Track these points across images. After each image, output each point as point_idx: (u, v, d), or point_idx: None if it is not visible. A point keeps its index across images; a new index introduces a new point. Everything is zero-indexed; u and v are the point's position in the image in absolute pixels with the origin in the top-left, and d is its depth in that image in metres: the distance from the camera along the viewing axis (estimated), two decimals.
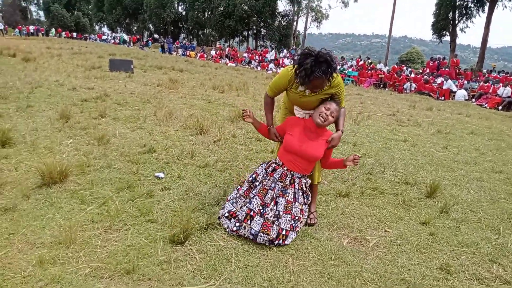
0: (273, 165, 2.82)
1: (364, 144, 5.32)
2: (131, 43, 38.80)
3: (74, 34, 43.82)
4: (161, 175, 3.43)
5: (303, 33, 41.95)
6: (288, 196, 2.66)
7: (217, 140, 4.72)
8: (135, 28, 57.24)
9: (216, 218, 2.73)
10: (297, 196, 2.69)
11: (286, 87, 2.72)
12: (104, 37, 42.76)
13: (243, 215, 2.59)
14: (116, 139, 4.38)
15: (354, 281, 2.21)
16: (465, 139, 6.50)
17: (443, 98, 15.32)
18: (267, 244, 2.46)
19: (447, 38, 30.02)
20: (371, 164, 4.37)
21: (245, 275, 2.18)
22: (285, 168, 2.73)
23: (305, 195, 2.76)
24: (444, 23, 29.04)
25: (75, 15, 57.39)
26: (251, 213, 2.57)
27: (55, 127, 4.64)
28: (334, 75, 2.47)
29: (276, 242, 2.47)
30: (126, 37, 41.81)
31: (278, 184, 2.70)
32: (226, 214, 2.71)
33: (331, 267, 2.32)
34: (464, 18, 28.45)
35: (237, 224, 2.59)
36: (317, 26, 42.38)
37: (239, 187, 2.93)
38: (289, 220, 2.57)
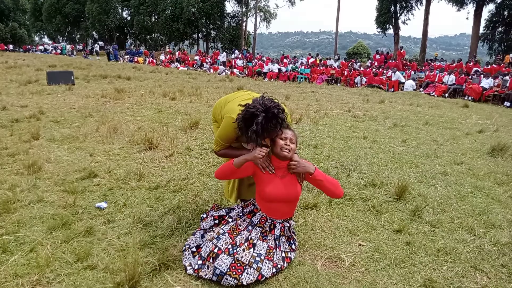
0: (252, 206, 2.46)
1: (325, 145, 5.12)
2: (74, 52, 36.66)
3: (11, 46, 40.66)
4: (103, 205, 2.97)
5: (253, 33, 41.88)
6: (269, 241, 2.31)
7: (169, 155, 4.29)
8: (78, 36, 54.34)
9: (170, 254, 2.34)
10: (278, 243, 2.34)
11: (237, 137, 2.40)
12: (40, 47, 39.86)
13: (207, 251, 2.21)
14: (50, 164, 3.83)
15: None
16: (421, 131, 6.52)
17: (392, 89, 15.74)
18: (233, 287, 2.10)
19: (390, 31, 31.18)
20: (335, 168, 4.15)
21: None
22: (264, 213, 2.39)
23: (291, 241, 2.43)
24: (386, 16, 30.12)
25: (10, 26, 53.39)
26: (216, 250, 2.18)
27: None
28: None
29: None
30: (69, 46, 39.42)
31: (256, 229, 2.34)
32: (194, 249, 2.33)
33: None
34: (405, 11, 29.68)
35: (199, 262, 2.21)
36: (266, 25, 42.45)
37: (215, 214, 2.56)
38: (270, 267, 2.19)
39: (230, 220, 2.43)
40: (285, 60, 22.76)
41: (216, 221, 2.55)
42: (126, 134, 5.03)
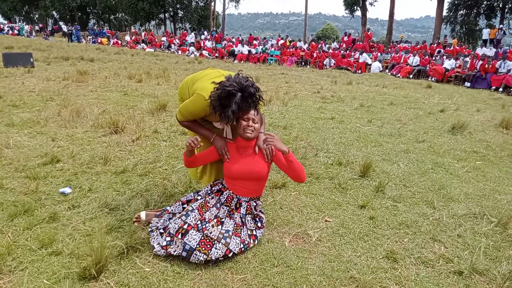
0: (220, 185, 2.50)
1: (294, 126, 5.17)
2: (33, 33, 34.60)
3: None
4: (67, 190, 2.88)
5: (222, 13, 41.07)
6: (235, 219, 2.34)
7: (135, 138, 4.21)
8: (37, 16, 51.33)
9: (138, 237, 2.32)
10: (244, 221, 2.38)
11: (205, 115, 2.39)
12: None
13: (175, 228, 2.20)
14: (10, 150, 3.66)
15: None
16: (386, 111, 6.71)
17: (360, 71, 16.01)
18: (202, 263, 2.12)
19: (358, 13, 31.49)
20: (303, 148, 4.21)
21: None
22: (231, 192, 2.42)
23: (257, 219, 2.46)
24: None
25: None
26: (186, 226, 2.17)
27: None
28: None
29: (214, 263, 2.14)
30: (27, 27, 37.05)
31: (223, 207, 2.37)
32: (161, 231, 2.31)
33: (275, 276, 2.07)
34: None
35: (167, 238, 2.20)
36: (235, 6, 41.79)
37: (183, 199, 2.55)
38: (238, 243, 2.23)
39: (199, 198, 2.45)
40: (255, 42, 22.57)
41: (185, 206, 2.54)
42: (89, 117, 4.87)
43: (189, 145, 2.25)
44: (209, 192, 2.50)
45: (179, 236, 2.15)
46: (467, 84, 12.54)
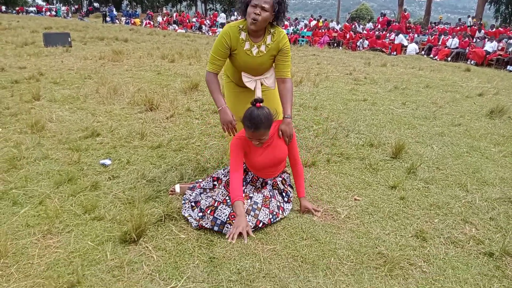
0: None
1: (325, 107, 5.14)
2: (69, 14, 35.63)
3: (4, 8, 39.32)
4: (107, 162, 3.05)
5: None
6: (264, 192, 2.42)
7: (169, 115, 4.33)
8: None
9: (174, 206, 2.44)
10: (272, 194, 2.45)
11: (229, 48, 2.39)
12: (32, 9, 38.27)
13: (206, 204, 2.31)
14: (53, 124, 3.88)
15: (329, 261, 2.04)
16: (421, 93, 6.52)
17: (395, 53, 15.51)
18: None
19: None
20: (334, 129, 4.20)
21: (210, 270, 1.94)
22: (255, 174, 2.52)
23: (284, 194, 2.52)
24: None
25: None
26: (216, 204, 2.28)
27: None
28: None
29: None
30: (64, 8, 38.16)
31: (249, 186, 2.47)
32: (193, 204, 2.43)
33: (303, 249, 2.13)
34: None
35: (200, 214, 2.31)
36: None
37: (214, 175, 2.64)
38: (267, 214, 2.31)
39: (223, 177, 2.53)
40: (285, 22, 22.23)
41: (215, 183, 2.62)
42: (126, 95, 5.04)
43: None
44: None
45: (208, 212, 2.25)
46: (510, 67, 11.91)
